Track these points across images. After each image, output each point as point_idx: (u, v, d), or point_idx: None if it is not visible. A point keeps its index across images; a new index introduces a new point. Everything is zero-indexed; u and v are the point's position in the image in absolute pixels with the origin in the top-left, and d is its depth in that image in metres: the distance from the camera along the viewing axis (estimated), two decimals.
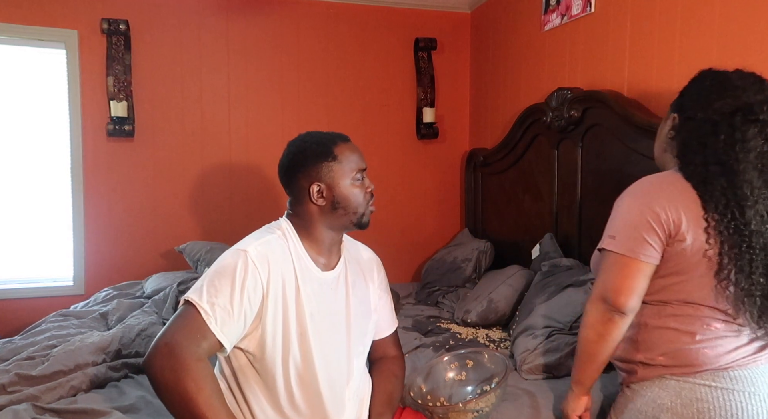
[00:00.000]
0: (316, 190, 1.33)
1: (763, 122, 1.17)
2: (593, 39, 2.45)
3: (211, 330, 1.16)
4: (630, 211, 1.23)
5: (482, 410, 1.48)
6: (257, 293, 1.23)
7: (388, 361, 1.52)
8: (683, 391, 1.19)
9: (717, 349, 1.20)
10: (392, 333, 1.56)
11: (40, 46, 2.96)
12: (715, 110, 1.21)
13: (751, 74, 1.24)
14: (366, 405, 1.41)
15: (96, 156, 3.04)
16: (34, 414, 1.61)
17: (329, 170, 1.33)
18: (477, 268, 2.98)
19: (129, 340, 2.07)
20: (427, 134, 3.52)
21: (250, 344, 1.26)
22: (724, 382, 1.18)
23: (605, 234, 1.28)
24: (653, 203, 1.20)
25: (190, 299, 1.18)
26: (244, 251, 1.24)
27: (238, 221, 3.26)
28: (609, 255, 1.25)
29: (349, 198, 1.34)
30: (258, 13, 3.24)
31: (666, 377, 1.23)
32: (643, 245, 1.20)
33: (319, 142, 1.36)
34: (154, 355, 1.12)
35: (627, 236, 1.22)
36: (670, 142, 1.32)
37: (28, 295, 3.01)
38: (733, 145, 1.17)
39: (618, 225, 1.25)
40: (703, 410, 1.17)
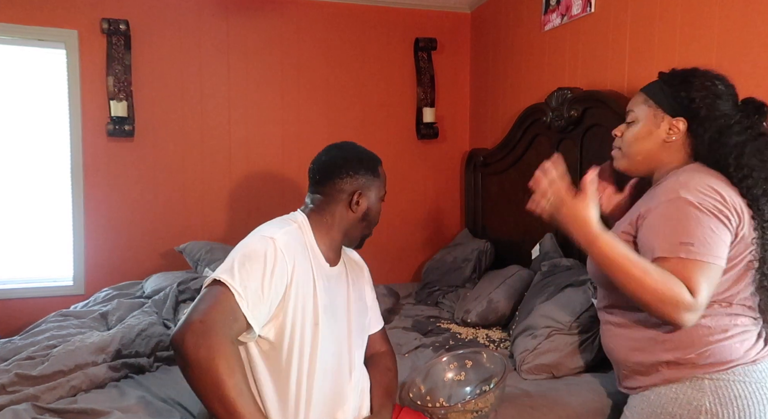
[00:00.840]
0: (357, 198, 1.40)
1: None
2: (593, 39, 2.45)
3: (243, 311, 1.15)
4: (702, 213, 1.16)
5: (481, 410, 1.48)
6: (283, 281, 1.23)
7: (381, 356, 1.56)
8: (720, 390, 1.18)
9: (745, 343, 1.20)
10: (381, 328, 1.61)
11: (40, 46, 2.96)
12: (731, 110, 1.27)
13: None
14: (366, 396, 1.45)
15: (96, 156, 3.04)
16: (34, 414, 1.61)
17: (372, 184, 1.44)
18: (477, 268, 2.98)
19: (129, 340, 2.07)
20: (427, 134, 3.51)
21: (270, 332, 1.25)
22: (756, 376, 1.19)
23: (670, 240, 1.16)
24: (719, 204, 1.17)
25: (223, 279, 1.16)
26: (271, 238, 1.25)
27: (238, 221, 3.26)
28: (688, 264, 1.14)
29: (375, 214, 1.46)
30: (258, 13, 3.24)
31: (698, 376, 1.20)
32: (723, 249, 1.17)
33: (370, 156, 1.48)
34: (187, 331, 1.08)
35: (707, 240, 1.14)
36: (667, 144, 1.32)
37: (28, 295, 3.01)
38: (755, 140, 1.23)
39: (691, 229, 1.15)
40: (742, 407, 1.16)
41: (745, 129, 1.25)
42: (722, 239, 1.16)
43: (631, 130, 1.37)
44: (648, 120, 1.34)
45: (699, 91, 1.28)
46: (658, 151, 1.34)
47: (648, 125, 1.34)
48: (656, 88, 1.36)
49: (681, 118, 1.30)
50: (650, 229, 1.22)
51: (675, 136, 1.31)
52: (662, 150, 1.33)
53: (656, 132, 1.33)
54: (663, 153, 1.34)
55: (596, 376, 1.82)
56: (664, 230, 1.18)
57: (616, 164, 1.43)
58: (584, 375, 1.87)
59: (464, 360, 1.69)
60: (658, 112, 1.33)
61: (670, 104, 1.31)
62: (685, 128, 1.30)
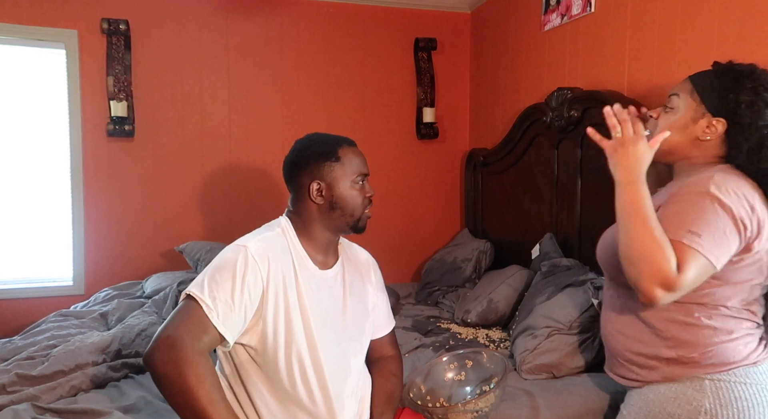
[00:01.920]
0: (316, 188, 1.36)
1: None
2: (593, 39, 2.45)
3: (213, 323, 1.16)
4: (724, 214, 1.14)
5: (482, 410, 1.48)
6: (257, 288, 1.24)
7: (387, 361, 1.53)
8: (720, 391, 1.17)
9: (748, 346, 1.20)
10: (389, 332, 1.57)
11: (40, 46, 2.96)
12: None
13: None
14: (367, 404, 1.42)
15: (96, 156, 3.04)
16: (35, 414, 1.61)
17: (331, 169, 1.36)
18: (477, 268, 2.98)
19: (129, 340, 2.08)
20: (427, 134, 3.51)
21: (251, 339, 1.26)
22: (756, 378, 1.18)
23: (683, 224, 1.14)
24: (743, 212, 1.15)
25: (192, 293, 1.19)
26: (244, 246, 1.26)
27: (238, 221, 3.26)
28: (687, 250, 1.12)
29: (347, 200, 1.37)
30: (258, 12, 3.24)
31: (698, 376, 1.19)
32: (726, 254, 1.15)
33: (325, 142, 1.40)
34: (155, 348, 1.13)
35: (716, 239, 1.13)
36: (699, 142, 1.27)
37: (28, 295, 3.01)
38: None
39: (705, 224, 1.13)
40: (743, 409, 1.15)
41: None
42: (729, 244, 1.15)
43: (668, 117, 1.30)
44: (688, 112, 1.27)
45: (748, 96, 1.21)
46: (688, 146, 1.28)
47: (686, 117, 1.27)
48: (706, 82, 1.27)
49: (722, 119, 1.24)
50: (668, 210, 1.19)
51: (710, 136, 1.25)
52: (692, 146, 1.28)
53: (692, 127, 1.27)
54: (692, 149, 1.29)
55: (596, 376, 1.82)
56: (681, 215, 1.16)
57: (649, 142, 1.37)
58: (584, 375, 1.87)
59: (464, 360, 1.69)
60: (701, 107, 1.26)
61: (715, 103, 1.24)
62: (723, 130, 1.24)
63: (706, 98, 1.25)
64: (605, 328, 1.41)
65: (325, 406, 1.30)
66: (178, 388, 1.10)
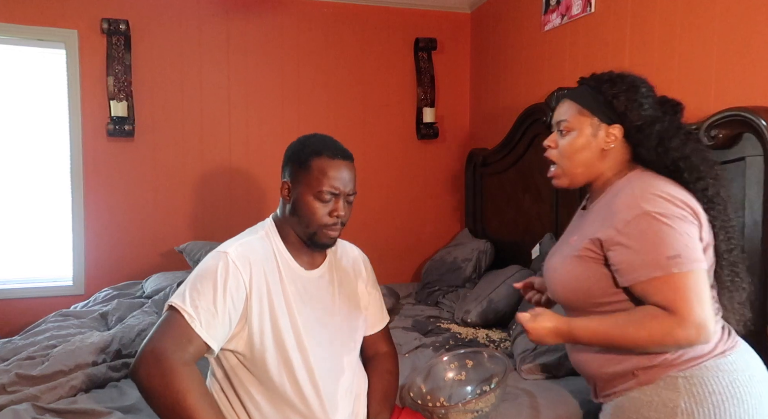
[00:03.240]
0: (286, 188, 1.37)
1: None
2: (593, 39, 2.45)
3: (197, 332, 1.17)
4: (675, 222, 1.15)
5: (482, 410, 1.48)
6: (240, 293, 1.24)
7: (381, 358, 1.53)
8: (694, 388, 1.17)
9: (714, 336, 1.20)
10: (383, 328, 1.57)
11: (40, 46, 2.96)
12: (658, 112, 1.29)
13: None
14: (362, 402, 1.42)
15: (96, 156, 3.04)
16: (35, 414, 1.61)
17: (298, 174, 1.35)
18: (477, 268, 2.98)
19: (129, 340, 2.07)
20: (427, 134, 3.51)
21: (238, 344, 1.27)
22: (726, 368, 1.18)
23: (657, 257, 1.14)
24: (683, 211, 1.17)
25: (174, 303, 1.20)
26: (224, 253, 1.27)
27: (238, 221, 3.24)
28: (684, 276, 1.13)
29: (305, 209, 1.33)
30: (258, 12, 3.24)
31: (671, 375, 1.19)
32: (701, 249, 1.17)
33: (306, 146, 1.37)
34: (140, 363, 1.13)
35: (690, 247, 1.14)
36: (605, 152, 1.31)
37: (28, 295, 3.01)
38: (687, 141, 1.26)
39: (672, 241, 1.14)
40: (717, 403, 1.15)
41: (677, 130, 1.27)
42: (697, 240, 1.17)
43: (567, 141, 1.33)
44: (585, 129, 1.31)
45: (630, 96, 1.28)
46: (598, 160, 1.31)
47: (585, 134, 1.31)
48: (588, 97, 1.32)
49: (617, 125, 1.29)
50: (628, 252, 1.18)
51: (613, 143, 1.30)
52: (601, 159, 1.31)
53: (594, 142, 1.30)
54: (602, 162, 1.32)
55: None
56: (646, 249, 1.16)
57: (557, 183, 1.39)
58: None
59: (465, 360, 1.69)
60: (594, 120, 1.30)
61: (604, 112, 1.29)
62: (621, 134, 1.29)
63: (596, 111, 1.30)
64: (575, 359, 1.38)
65: (317, 407, 1.30)
66: (165, 400, 1.10)
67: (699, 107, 1.86)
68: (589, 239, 1.26)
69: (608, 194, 1.29)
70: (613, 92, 1.29)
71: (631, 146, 1.31)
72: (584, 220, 1.35)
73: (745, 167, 1.63)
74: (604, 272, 1.24)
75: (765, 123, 1.57)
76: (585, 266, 1.27)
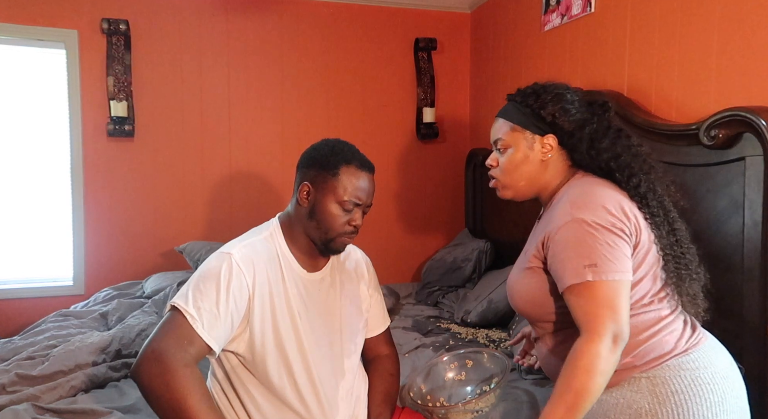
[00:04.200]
0: (306, 190, 1.35)
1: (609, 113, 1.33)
2: (593, 39, 2.45)
3: (199, 334, 1.16)
4: (597, 231, 1.16)
5: (482, 410, 1.48)
6: (243, 295, 1.24)
7: (383, 360, 1.53)
8: (656, 388, 1.17)
9: (674, 334, 1.20)
10: (384, 330, 1.56)
11: (40, 46, 2.96)
12: (587, 114, 1.32)
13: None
14: (363, 404, 1.42)
15: (96, 156, 3.04)
16: (35, 414, 1.61)
17: (324, 179, 1.33)
18: (477, 268, 2.98)
19: (129, 340, 2.08)
20: (427, 134, 3.52)
21: (239, 346, 1.26)
22: (689, 367, 1.17)
23: (575, 265, 1.15)
24: (611, 217, 1.17)
25: (176, 304, 1.19)
26: (228, 254, 1.26)
27: (238, 221, 3.26)
28: (598, 285, 1.13)
29: (326, 215, 1.32)
30: (258, 13, 3.25)
31: (635, 376, 1.19)
32: (626, 262, 1.16)
33: (338, 153, 1.35)
34: (141, 363, 1.13)
35: (609, 258, 1.14)
36: (545, 163, 1.33)
37: (28, 295, 3.01)
38: (617, 139, 1.29)
39: (590, 250, 1.15)
40: (679, 402, 1.15)
41: (606, 129, 1.29)
42: (622, 252, 1.16)
43: (506, 158, 1.36)
44: (520, 144, 1.34)
45: (555, 105, 1.30)
46: (539, 172, 1.34)
47: (522, 149, 1.34)
48: (516, 113, 1.35)
49: (550, 134, 1.32)
50: (555, 258, 1.20)
51: (550, 153, 1.32)
52: (542, 170, 1.34)
53: (532, 154, 1.33)
54: (544, 173, 1.34)
55: None
56: (568, 256, 1.17)
57: (501, 194, 1.43)
58: None
59: (465, 360, 1.69)
60: (527, 134, 1.33)
61: (535, 124, 1.32)
62: (556, 143, 1.32)
63: (528, 125, 1.33)
64: (546, 369, 1.38)
65: (318, 409, 1.30)
66: (165, 401, 1.10)
67: (699, 107, 1.86)
68: (535, 245, 1.28)
69: (553, 202, 1.32)
70: (539, 104, 1.32)
71: (567, 152, 1.33)
72: (535, 231, 1.37)
73: (745, 167, 1.63)
74: (550, 280, 1.24)
75: (765, 123, 1.56)
76: (535, 278, 1.28)
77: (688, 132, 1.77)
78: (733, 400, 1.18)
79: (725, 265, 1.66)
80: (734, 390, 1.19)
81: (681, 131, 1.80)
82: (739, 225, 1.63)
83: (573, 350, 1.13)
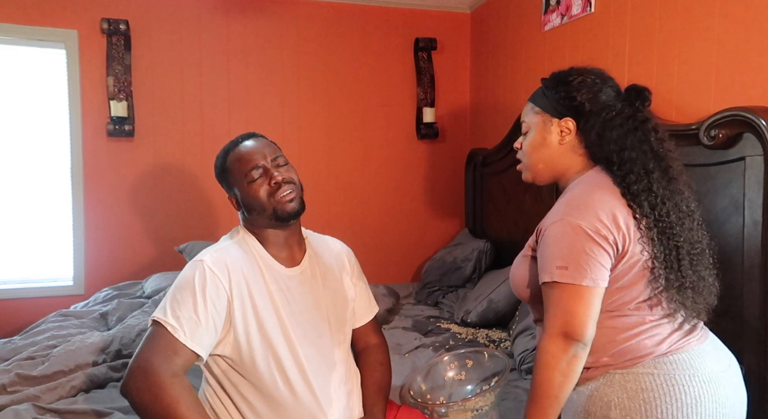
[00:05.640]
0: (233, 199, 1.42)
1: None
2: (593, 39, 2.45)
3: (182, 342, 1.18)
4: (578, 235, 1.17)
5: (482, 409, 1.48)
6: (221, 298, 1.25)
7: (372, 349, 1.52)
8: (628, 384, 1.17)
9: (655, 337, 1.20)
10: (371, 319, 1.56)
11: (40, 46, 2.96)
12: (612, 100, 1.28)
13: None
14: (356, 396, 1.41)
15: (96, 156, 3.04)
16: (35, 414, 1.61)
17: (226, 181, 1.41)
18: (477, 268, 2.98)
19: (129, 340, 2.07)
20: (427, 134, 3.52)
21: (225, 349, 1.27)
22: (665, 368, 1.17)
23: (550, 264, 1.19)
24: (598, 224, 1.16)
25: (156, 317, 1.21)
26: (200, 261, 1.28)
27: (238, 221, 3.26)
28: (564, 287, 1.16)
29: (249, 200, 1.36)
30: (258, 13, 3.25)
31: (610, 372, 1.20)
32: (600, 270, 1.16)
33: (218, 158, 1.44)
34: (129, 379, 1.15)
35: (581, 263, 1.15)
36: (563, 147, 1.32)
37: (28, 295, 3.01)
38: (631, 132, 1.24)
39: (566, 253, 1.17)
40: (648, 399, 1.15)
41: (627, 119, 1.25)
42: (598, 261, 1.16)
43: (527, 140, 1.38)
44: (539, 127, 1.34)
45: (577, 88, 1.29)
46: (558, 156, 1.33)
47: (540, 131, 1.34)
48: (539, 95, 1.36)
49: (568, 118, 1.30)
50: (539, 253, 1.24)
51: (568, 136, 1.30)
52: (560, 155, 1.32)
53: (549, 138, 1.32)
54: (562, 158, 1.33)
55: None
56: (547, 254, 1.20)
57: (523, 177, 1.45)
58: None
59: (465, 360, 1.69)
60: (546, 117, 1.33)
61: (554, 107, 1.31)
62: (575, 127, 1.30)
63: (547, 107, 1.33)
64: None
65: (312, 402, 1.30)
66: (156, 413, 1.12)
67: (699, 107, 1.86)
68: (532, 238, 1.33)
69: (566, 191, 1.32)
70: (560, 86, 1.31)
71: (581, 137, 1.30)
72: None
73: (744, 167, 1.63)
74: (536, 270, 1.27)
75: (765, 123, 1.57)
76: (526, 265, 1.33)
77: (688, 132, 1.77)
78: (710, 404, 1.15)
79: (725, 265, 1.65)
80: (715, 395, 1.16)
81: (681, 130, 1.80)
82: (739, 225, 1.63)
83: (541, 351, 1.20)
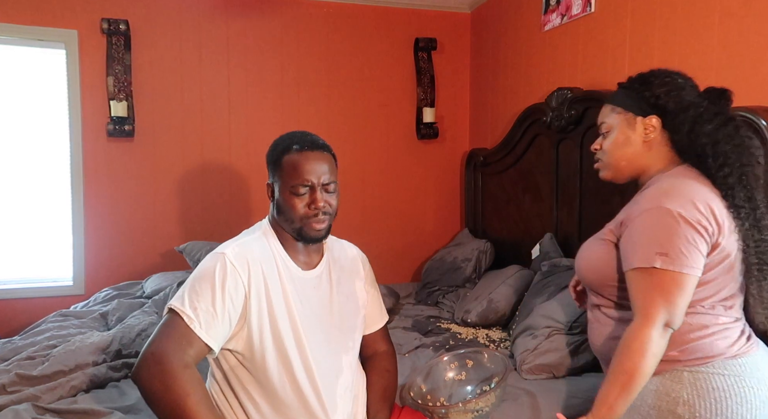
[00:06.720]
0: (269, 189, 1.40)
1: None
2: (593, 39, 2.45)
3: (197, 334, 1.17)
4: (677, 223, 1.17)
5: (482, 410, 1.48)
6: (239, 293, 1.24)
7: (380, 357, 1.52)
8: (698, 382, 1.18)
9: (727, 340, 1.21)
10: (381, 327, 1.56)
11: (40, 46, 2.96)
12: (696, 98, 1.29)
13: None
14: (361, 402, 1.42)
15: (96, 156, 3.04)
16: (35, 414, 1.61)
17: (275, 173, 1.37)
18: (477, 268, 2.98)
19: (129, 340, 2.07)
20: (427, 134, 3.52)
21: (237, 344, 1.27)
22: (734, 370, 1.19)
23: (647, 250, 1.18)
24: (697, 213, 1.17)
25: (173, 306, 1.20)
26: (222, 253, 1.27)
27: (238, 221, 3.26)
28: (664, 274, 1.16)
29: (284, 206, 1.34)
30: (258, 13, 3.24)
31: (678, 369, 1.21)
32: (699, 259, 1.17)
33: (278, 144, 1.38)
34: (141, 366, 1.14)
35: (683, 251, 1.16)
36: (647, 144, 1.33)
37: (28, 295, 3.01)
38: (722, 126, 1.26)
39: (665, 240, 1.17)
40: (720, 398, 1.16)
41: (714, 115, 1.27)
42: (699, 250, 1.17)
43: (609, 139, 1.39)
44: (622, 126, 1.35)
45: (661, 87, 1.30)
46: (641, 154, 1.34)
47: (623, 130, 1.35)
48: (620, 96, 1.37)
49: (653, 115, 1.31)
50: (630, 238, 1.23)
51: (652, 133, 1.32)
52: (644, 152, 1.34)
53: (633, 136, 1.34)
54: (646, 155, 1.34)
55: (597, 376, 1.82)
56: (642, 240, 1.20)
57: (601, 175, 1.45)
58: (584, 375, 1.88)
59: (465, 360, 1.69)
60: (629, 116, 1.34)
61: (638, 106, 1.33)
62: (659, 124, 1.31)
63: (630, 107, 1.35)
64: (592, 340, 1.41)
65: (317, 406, 1.30)
66: (165, 403, 1.11)
67: None
68: (614, 224, 1.32)
69: (649, 185, 1.32)
70: (644, 86, 1.33)
71: (669, 133, 1.32)
72: (622, 210, 1.37)
73: None
74: (618, 255, 1.27)
75: (765, 123, 1.57)
76: (604, 248, 1.32)
77: None
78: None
79: None
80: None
81: None
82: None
83: (626, 333, 1.18)
